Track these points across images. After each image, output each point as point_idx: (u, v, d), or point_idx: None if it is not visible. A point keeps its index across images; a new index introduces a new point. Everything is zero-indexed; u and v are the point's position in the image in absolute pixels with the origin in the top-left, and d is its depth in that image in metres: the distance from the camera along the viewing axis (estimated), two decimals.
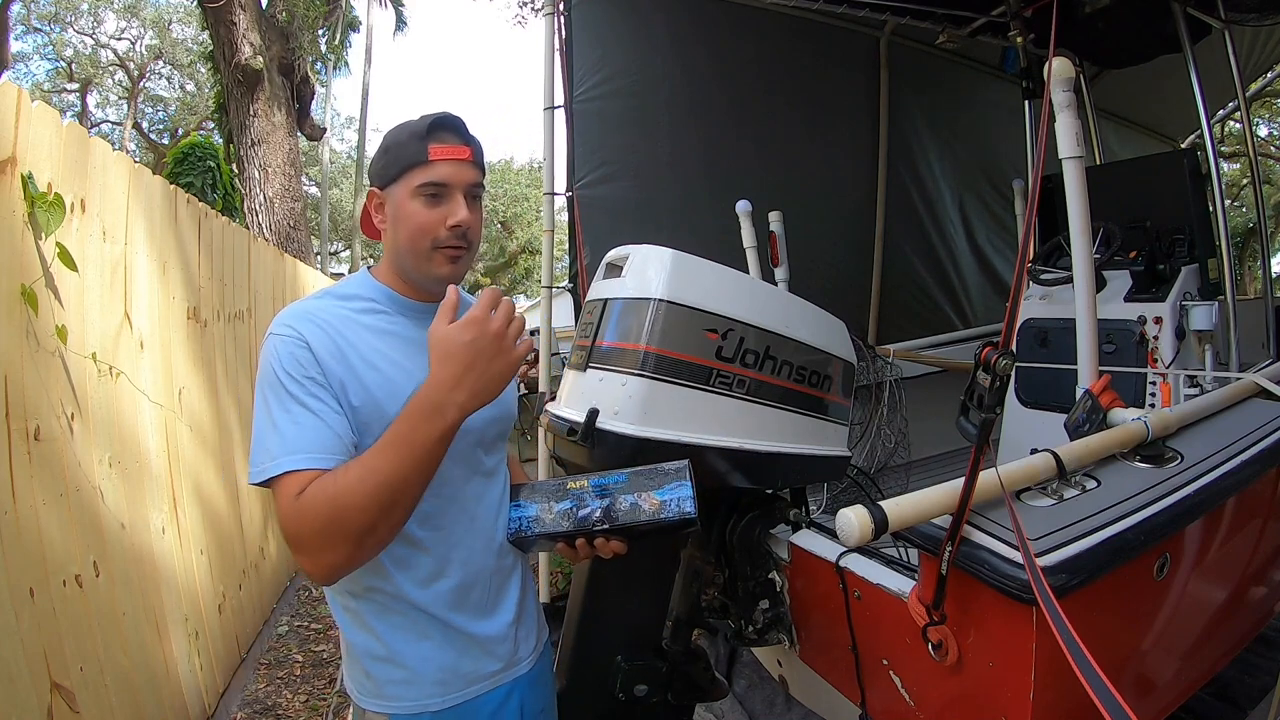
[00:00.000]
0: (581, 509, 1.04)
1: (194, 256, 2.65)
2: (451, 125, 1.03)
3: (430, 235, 1.01)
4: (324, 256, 16.55)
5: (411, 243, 1.01)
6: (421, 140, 1.00)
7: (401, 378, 0.99)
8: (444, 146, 1.01)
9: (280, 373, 0.94)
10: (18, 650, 1.39)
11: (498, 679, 1.07)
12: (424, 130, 1.01)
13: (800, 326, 1.43)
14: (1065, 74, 1.64)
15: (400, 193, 1.01)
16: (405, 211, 1.01)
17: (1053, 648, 0.86)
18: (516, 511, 1.09)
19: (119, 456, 1.92)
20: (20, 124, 1.46)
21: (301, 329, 0.96)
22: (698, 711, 1.81)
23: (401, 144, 1.02)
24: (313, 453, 0.90)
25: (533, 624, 1.16)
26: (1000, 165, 4.05)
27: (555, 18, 2.85)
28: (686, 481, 1.03)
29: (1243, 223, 13.48)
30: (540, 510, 1.07)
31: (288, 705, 2.71)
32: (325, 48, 10.75)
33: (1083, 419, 1.53)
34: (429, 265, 1.02)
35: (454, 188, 1.01)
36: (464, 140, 1.03)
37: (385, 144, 1.05)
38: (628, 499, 1.03)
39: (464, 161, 1.02)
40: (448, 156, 1.01)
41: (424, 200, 1.00)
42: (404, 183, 1.01)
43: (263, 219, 7.55)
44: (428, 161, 1.00)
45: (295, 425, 0.92)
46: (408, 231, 1.01)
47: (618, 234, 2.67)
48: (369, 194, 1.06)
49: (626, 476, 1.06)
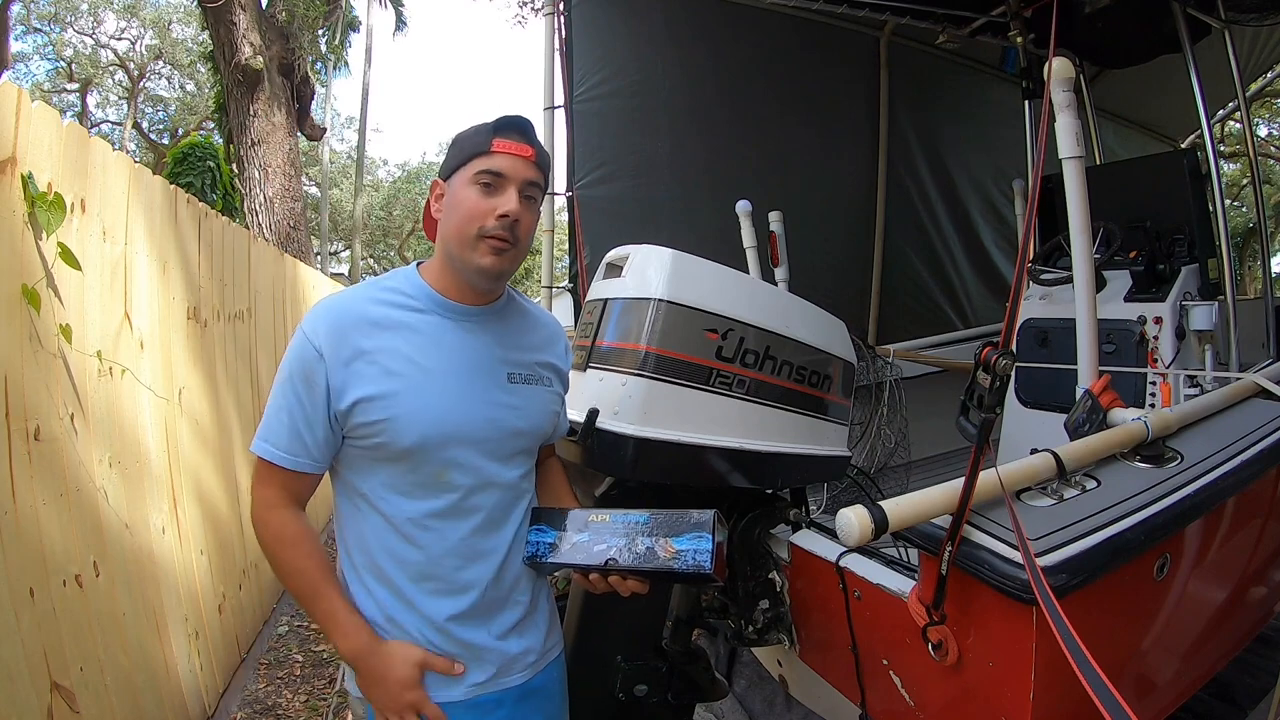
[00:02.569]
0: (597, 544, 1.04)
1: (194, 256, 2.65)
2: (519, 126, 1.06)
3: (479, 222, 1.02)
4: (324, 256, 16.55)
5: (460, 228, 1.03)
6: (488, 134, 1.04)
7: (417, 374, 1.02)
8: (508, 141, 1.03)
9: (292, 369, 1.02)
10: (18, 650, 1.39)
11: (484, 688, 1.06)
12: (492, 126, 1.05)
13: (800, 326, 1.44)
14: (1065, 74, 1.64)
15: (459, 180, 1.05)
16: (460, 197, 1.04)
17: (1053, 648, 0.86)
18: (536, 535, 1.10)
19: (119, 456, 1.92)
20: (20, 124, 1.46)
21: (322, 340, 1.01)
22: (698, 711, 1.81)
23: (468, 137, 1.06)
24: (277, 449, 1.02)
25: (537, 637, 1.14)
26: (1000, 165, 4.04)
27: (555, 18, 2.85)
28: (708, 535, 0.99)
29: (1243, 223, 13.49)
30: (558, 539, 1.08)
31: (288, 705, 2.71)
32: (325, 48, 10.75)
33: (1083, 419, 1.53)
34: (473, 254, 1.03)
35: (510, 180, 1.03)
36: (528, 141, 1.06)
37: (455, 139, 1.09)
38: (645, 542, 1.01)
39: (524, 159, 1.04)
40: (509, 150, 1.03)
41: (479, 188, 1.03)
42: (464, 171, 1.04)
43: (263, 219, 7.55)
44: (489, 151, 1.03)
45: (280, 422, 1.02)
46: (458, 216, 1.04)
47: (618, 234, 2.66)
48: (432, 185, 1.11)
49: (649, 518, 1.03)
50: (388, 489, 1.03)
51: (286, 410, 1.02)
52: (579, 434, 1.30)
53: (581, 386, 1.39)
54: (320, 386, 1.00)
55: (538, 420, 1.13)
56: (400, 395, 1.00)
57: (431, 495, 1.03)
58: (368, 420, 1.00)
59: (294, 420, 1.01)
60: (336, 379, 1.00)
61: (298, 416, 1.01)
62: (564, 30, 2.90)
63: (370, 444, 1.01)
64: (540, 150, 1.07)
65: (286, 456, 1.02)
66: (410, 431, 1.00)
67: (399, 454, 1.01)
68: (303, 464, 1.03)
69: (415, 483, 1.03)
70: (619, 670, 1.46)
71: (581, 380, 1.40)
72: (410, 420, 1.00)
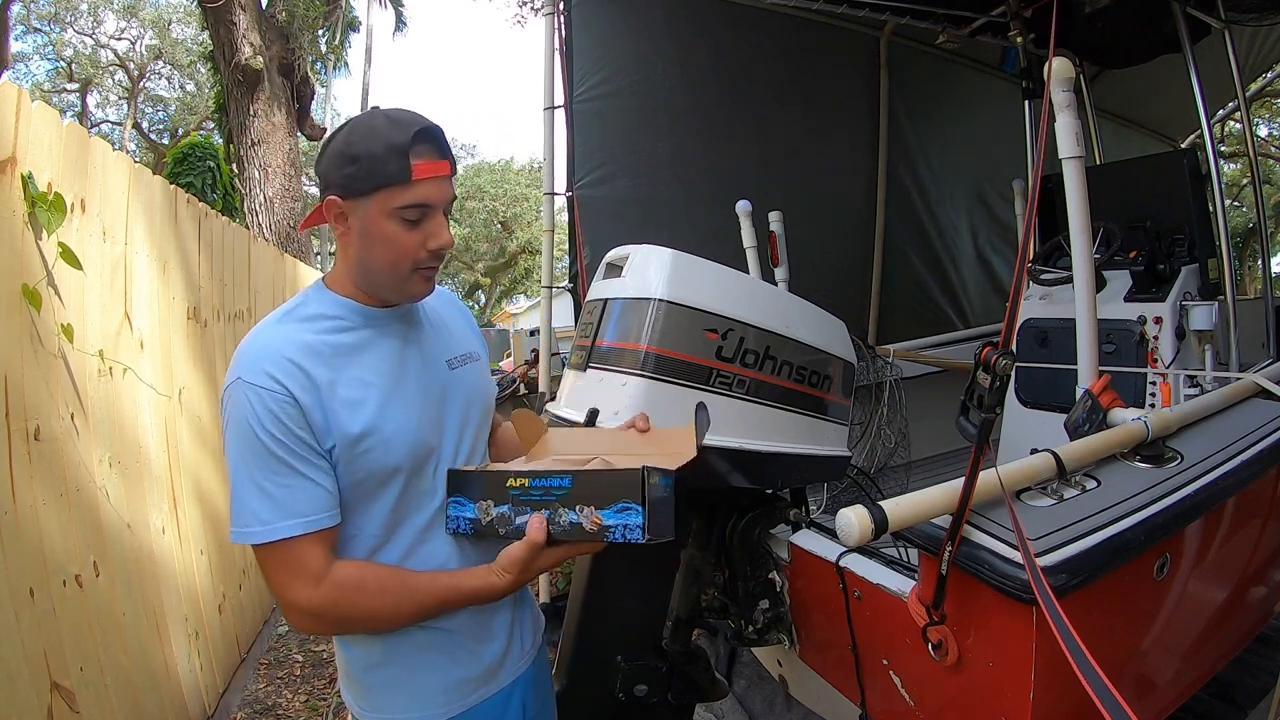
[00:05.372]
0: (519, 515, 0.92)
1: (194, 256, 2.65)
2: (433, 137, 0.93)
3: (411, 258, 0.95)
4: (324, 256, 16.53)
5: (391, 266, 0.95)
6: (402, 157, 0.90)
7: (382, 396, 0.96)
8: (427, 163, 0.92)
9: (263, 434, 0.88)
10: (18, 650, 1.39)
11: (498, 681, 1.06)
12: (405, 144, 0.90)
13: (800, 326, 1.44)
14: (1065, 74, 1.64)
15: (374, 210, 0.92)
16: (381, 232, 0.93)
17: (1053, 648, 0.86)
18: (455, 509, 0.98)
19: (119, 456, 1.92)
20: (20, 124, 1.46)
21: (283, 379, 0.89)
22: (698, 711, 1.81)
23: (376, 157, 0.90)
24: (310, 516, 0.89)
25: (529, 621, 1.15)
26: (1000, 165, 4.04)
27: (555, 17, 2.85)
28: (636, 506, 0.85)
29: (1243, 223, 13.48)
30: (479, 511, 0.96)
31: (288, 705, 2.71)
32: (325, 48, 10.74)
33: (1083, 419, 1.53)
34: (407, 286, 0.98)
35: (436, 208, 0.94)
36: (444, 153, 0.95)
37: (352, 150, 0.92)
38: (569, 515, 0.89)
39: (445, 178, 0.95)
40: (431, 175, 0.92)
41: (404, 223, 0.93)
42: (379, 200, 0.92)
43: (263, 219, 7.56)
44: (410, 182, 0.91)
45: (286, 490, 0.89)
46: (387, 255, 0.94)
47: (618, 234, 2.66)
48: (327, 202, 0.95)
49: (571, 480, 0.90)
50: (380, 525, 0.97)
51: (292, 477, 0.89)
52: None
53: (581, 386, 1.39)
54: (309, 435, 0.90)
55: (485, 391, 1.13)
56: (376, 419, 0.93)
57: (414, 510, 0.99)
58: (355, 450, 0.93)
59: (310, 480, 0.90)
60: (315, 418, 0.90)
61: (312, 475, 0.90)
62: (564, 30, 2.90)
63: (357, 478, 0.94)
64: (452, 157, 0.97)
65: (324, 516, 0.90)
66: (396, 449, 0.95)
67: (386, 476, 0.95)
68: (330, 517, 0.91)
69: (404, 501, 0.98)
70: (619, 670, 1.45)
71: (581, 380, 1.40)
72: (394, 439, 0.95)
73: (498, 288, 21.99)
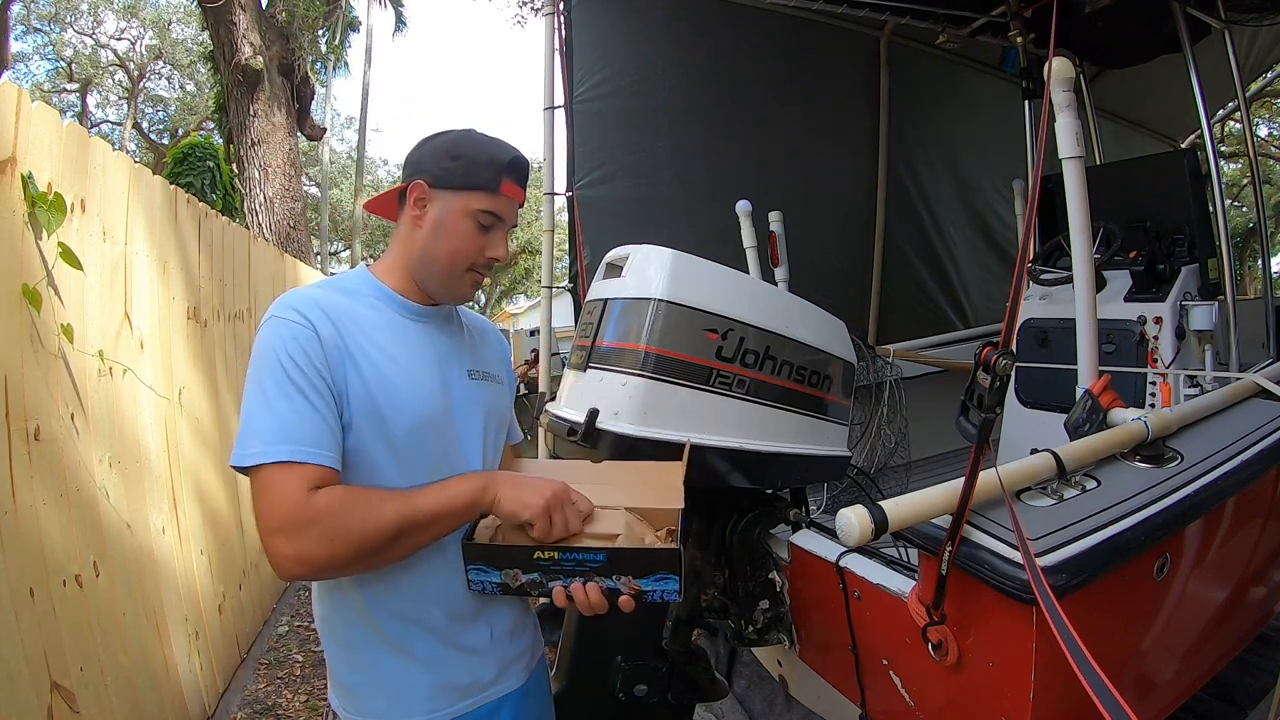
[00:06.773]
0: (551, 581, 0.95)
1: (194, 256, 2.65)
2: (523, 169, 1.07)
3: (471, 259, 1.05)
4: (324, 256, 16.54)
5: (450, 258, 1.04)
6: (499, 171, 1.03)
7: (395, 372, 0.98)
8: (513, 185, 1.05)
9: (284, 358, 0.91)
10: (18, 650, 1.39)
11: (487, 695, 1.05)
12: (505, 162, 1.04)
13: (800, 326, 1.44)
14: (1065, 74, 1.64)
15: (457, 205, 1.03)
16: (456, 227, 1.03)
17: (1053, 648, 0.86)
18: (479, 575, 0.97)
19: (119, 456, 1.92)
20: (20, 124, 1.46)
21: (310, 316, 0.94)
22: (698, 711, 1.81)
23: (477, 161, 1.03)
24: (313, 447, 0.88)
25: (526, 637, 1.14)
26: (1000, 165, 4.04)
27: (555, 17, 2.85)
28: (674, 576, 0.93)
29: (1243, 223, 13.48)
30: (505, 577, 0.97)
31: (288, 705, 2.71)
32: (325, 48, 10.76)
33: (1083, 419, 1.53)
34: (458, 284, 1.06)
35: (505, 224, 1.07)
36: (524, 184, 1.08)
37: (457, 149, 1.04)
38: (606, 583, 0.94)
39: (519, 204, 1.08)
40: (513, 195, 1.06)
41: (478, 225, 1.03)
42: (466, 198, 1.03)
43: (263, 219, 7.56)
44: (498, 192, 1.04)
45: (295, 414, 0.89)
46: (451, 246, 1.03)
47: (618, 234, 2.66)
48: (415, 184, 1.03)
49: (605, 557, 0.94)
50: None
51: (302, 403, 0.89)
52: (579, 434, 1.30)
53: (581, 386, 1.39)
54: (326, 370, 0.92)
55: (501, 409, 1.15)
56: (381, 387, 0.96)
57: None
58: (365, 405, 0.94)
59: (318, 412, 0.90)
60: (335, 359, 0.93)
61: (320, 408, 0.90)
62: (564, 30, 2.90)
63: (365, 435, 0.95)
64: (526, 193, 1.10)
65: (324, 453, 0.89)
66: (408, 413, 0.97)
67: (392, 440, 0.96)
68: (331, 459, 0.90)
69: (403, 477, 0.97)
70: (619, 670, 1.45)
71: (581, 380, 1.40)
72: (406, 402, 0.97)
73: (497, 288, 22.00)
